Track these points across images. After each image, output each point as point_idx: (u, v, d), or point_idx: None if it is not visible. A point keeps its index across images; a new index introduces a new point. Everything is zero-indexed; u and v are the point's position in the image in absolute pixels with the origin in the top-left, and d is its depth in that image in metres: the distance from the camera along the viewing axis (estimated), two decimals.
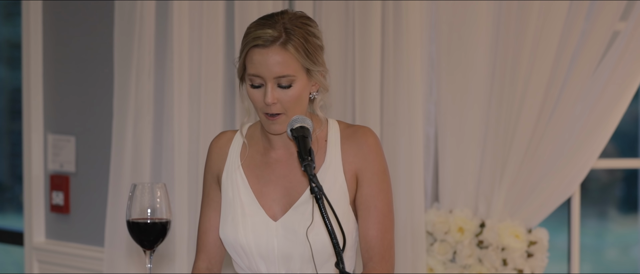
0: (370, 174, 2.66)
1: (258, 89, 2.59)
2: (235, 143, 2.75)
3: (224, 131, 2.82)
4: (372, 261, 2.66)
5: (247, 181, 2.69)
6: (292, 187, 2.67)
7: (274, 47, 2.55)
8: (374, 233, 2.65)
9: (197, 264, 2.76)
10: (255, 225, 2.66)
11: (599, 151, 3.73)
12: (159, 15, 3.83)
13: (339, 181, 2.65)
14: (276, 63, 2.55)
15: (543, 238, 3.77)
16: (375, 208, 2.65)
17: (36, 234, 4.32)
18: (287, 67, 2.56)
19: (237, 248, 2.68)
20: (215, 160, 2.76)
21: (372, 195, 2.66)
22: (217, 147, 2.77)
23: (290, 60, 2.56)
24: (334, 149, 2.67)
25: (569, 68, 3.68)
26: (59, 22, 4.24)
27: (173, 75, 3.79)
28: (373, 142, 2.67)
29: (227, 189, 2.71)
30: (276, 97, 2.57)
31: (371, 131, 2.69)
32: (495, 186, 3.74)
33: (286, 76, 2.56)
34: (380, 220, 2.65)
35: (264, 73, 2.56)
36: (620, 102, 3.69)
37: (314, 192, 2.38)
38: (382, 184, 2.66)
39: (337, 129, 2.70)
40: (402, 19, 3.68)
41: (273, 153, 2.70)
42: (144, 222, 2.55)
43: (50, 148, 4.28)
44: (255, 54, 2.56)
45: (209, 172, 2.77)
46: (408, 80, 3.68)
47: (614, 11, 3.64)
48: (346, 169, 2.66)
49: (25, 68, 4.28)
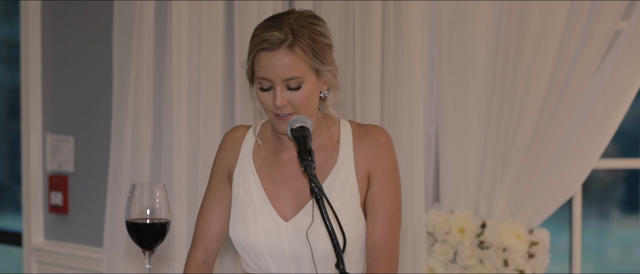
0: (381, 172, 2.65)
1: (267, 92, 2.57)
2: (248, 140, 2.74)
3: (238, 125, 2.80)
4: (377, 260, 2.65)
5: (260, 180, 2.68)
6: (303, 188, 2.65)
7: (280, 49, 2.53)
8: (381, 232, 2.64)
9: (193, 255, 2.73)
10: (266, 225, 2.65)
11: (600, 151, 3.73)
12: (158, 14, 3.83)
13: (350, 183, 2.65)
14: (284, 66, 2.53)
15: (544, 238, 3.76)
16: (384, 207, 2.65)
17: (35, 234, 4.31)
18: (295, 69, 2.54)
19: (247, 248, 2.66)
20: (228, 153, 2.74)
21: (381, 194, 2.65)
22: (231, 140, 2.75)
23: (298, 62, 2.54)
24: (347, 150, 2.67)
25: (570, 68, 3.68)
26: (58, 21, 4.23)
27: (172, 74, 3.78)
28: (385, 141, 2.67)
29: (238, 187, 2.70)
30: (286, 100, 2.55)
31: (384, 130, 2.69)
32: (496, 186, 3.74)
33: (294, 77, 2.54)
34: (387, 219, 2.65)
35: (272, 76, 2.54)
36: (622, 102, 3.69)
37: (314, 192, 2.37)
38: (392, 183, 2.66)
39: (349, 129, 2.70)
40: (402, 18, 3.67)
41: (284, 154, 2.69)
42: (143, 222, 2.54)
43: (49, 148, 4.27)
44: (263, 58, 2.54)
45: (220, 164, 2.74)
46: (409, 80, 3.68)
47: (616, 10, 3.64)
48: (358, 170, 2.66)
49: (24, 68, 4.27)
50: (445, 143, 3.77)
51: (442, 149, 3.78)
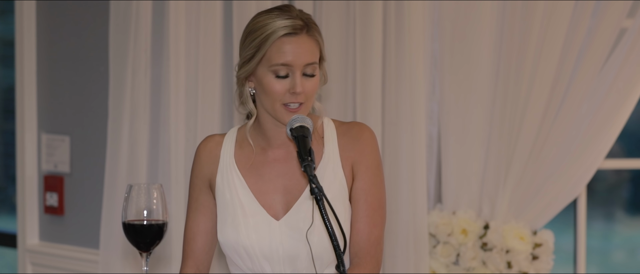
0: (364, 167, 2.68)
1: (283, 80, 2.60)
2: (226, 145, 2.75)
3: (210, 135, 2.82)
4: (357, 256, 2.67)
5: (245, 181, 2.69)
6: (292, 185, 2.67)
7: (303, 35, 2.59)
8: (362, 227, 2.66)
9: (184, 271, 2.75)
10: (257, 225, 2.65)
11: (605, 151, 3.72)
12: (155, 12, 3.83)
13: (338, 177, 2.67)
14: (307, 51, 2.59)
15: (548, 240, 3.76)
16: (366, 202, 2.67)
17: (30, 236, 4.32)
18: (314, 54, 2.61)
19: (239, 250, 2.66)
20: (205, 164, 2.76)
21: (363, 189, 2.67)
22: (206, 150, 2.77)
23: (316, 48, 2.62)
24: (332, 145, 2.69)
25: (574, 66, 3.68)
26: (53, 19, 4.24)
27: (170, 74, 3.78)
28: (368, 136, 2.70)
29: (223, 191, 2.70)
30: (303, 86, 2.59)
31: (366, 126, 2.73)
32: (499, 187, 3.73)
33: (313, 63, 2.61)
34: (369, 215, 2.66)
35: (295, 61, 2.58)
36: (628, 101, 3.68)
37: (314, 193, 2.37)
38: (374, 178, 2.68)
39: (333, 126, 2.73)
40: (404, 16, 3.67)
41: (271, 152, 2.71)
42: (140, 224, 2.54)
43: (44, 148, 4.27)
44: (285, 43, 2.58)
45: (198, 176, 2.76)
46: (410, 79, 3.68)
47: (621, 8, 3.63)
48: (344, 164, 2.68)
49: (19, 66, 4.28)
50: (447, 143, 3.76)
51: (444, 149, 3.77)
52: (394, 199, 3.68)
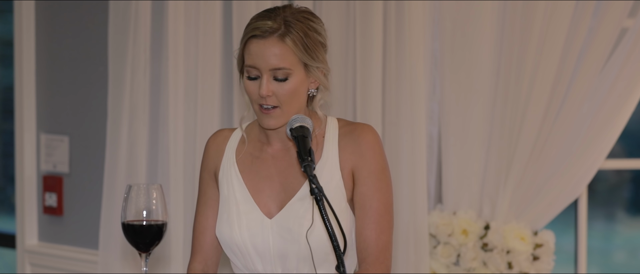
0: (366, 172, 2.64)
1: (254, 81, 2.59)
2: (232, 140, 2.74)
3: (221, 129, 2.82)
4: (365, 261, 2.63)
5: (242, 177, 2.68)
6: (288, 183, 2.65)
7: (271, 38, 2.55)
8: (369, 233, 2.62)
9: (192, 265, 2.74)
10: (250, 223, 2.64)
11: (606, 151, 3.72)
12: (155, 12, 3.83)
13: (335, 179, 2.64)
14: (273, 55, 2.54)
15: (549, 240, 3.75)
16: (371, 207, 2.63)
17: (29, 236, 4.31)
18: (284, 59, 2.55)
19: (233, 247, 2.66)
20: (212, 157, 2.75)
21: (368, 194, 2.63)
22: (214, 144, 2.76)
23: (288, 53, 2.55)
24: (331, 146, 2.66)
25: (575, 66, 3.67)
26: (52, 19, 4.23)
27: (169, 73, 3.78)
28: (371, 139, 2.65)
29: (223, 186, 2.70)
30: (271, 90, 2.56)
31: (371, 127, 2.67)
32: (500, 187, 3.72)
33: (282, 68, 2.55)
34: (376, 220, 2.62)
35: (260, 64, 2.55)
36: (629, 100, 3.68)
37: (314, 193, 2.36)
38: (379, 183, 2.64)
39: (336, 126, 2.69)
40: (404, 15, 3.67)
41: (269, 149, 2.70)
42: (139, 224, 2.53)
43: (43, 148, 4.27)
44: (253, 45, 2.56)
45: (206, 169, 2.76)
46: (410, 78, 3.67)
47: (622, 7, 3.63)
48: (343, 166, 2.65)
49: (18, 66, 4.27)
50: (447, 143, 3.76)
51: (444, 149, 3.77)
52: (394, 199, 3.65)
